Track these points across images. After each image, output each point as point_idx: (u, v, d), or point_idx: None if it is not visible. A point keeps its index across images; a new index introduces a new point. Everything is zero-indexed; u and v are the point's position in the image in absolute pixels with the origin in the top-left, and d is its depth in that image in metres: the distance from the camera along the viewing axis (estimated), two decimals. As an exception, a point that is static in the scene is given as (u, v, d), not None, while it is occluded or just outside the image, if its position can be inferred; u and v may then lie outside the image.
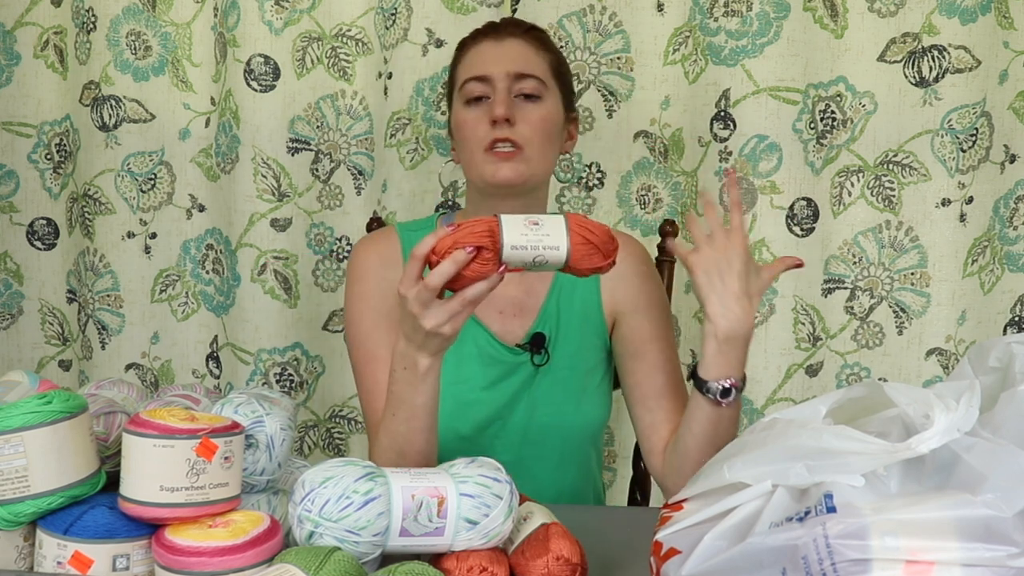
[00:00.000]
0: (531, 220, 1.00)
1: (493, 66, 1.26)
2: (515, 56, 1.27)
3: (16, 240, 1.89)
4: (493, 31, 1.30)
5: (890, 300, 1.70)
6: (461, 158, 1.30)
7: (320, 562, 0.82)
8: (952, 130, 1.64)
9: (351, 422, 1.84)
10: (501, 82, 1.25)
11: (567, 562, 0.91)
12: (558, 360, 1.32)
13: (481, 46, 1.29)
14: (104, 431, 1.02)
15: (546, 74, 1.28)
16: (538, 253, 0.99)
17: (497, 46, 1.28)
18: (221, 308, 1.83)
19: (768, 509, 0.80)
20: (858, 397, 0.88)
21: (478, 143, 1.25)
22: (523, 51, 1.28)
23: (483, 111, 1.25)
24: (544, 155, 1.27)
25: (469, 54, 1.30)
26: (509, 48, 1.27)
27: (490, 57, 1.27)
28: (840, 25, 1.64)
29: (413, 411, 1.11)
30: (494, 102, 1.24)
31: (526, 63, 1.27)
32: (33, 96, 1.84)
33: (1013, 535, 0.71)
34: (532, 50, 1.29)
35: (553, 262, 1.00)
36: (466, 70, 1.29)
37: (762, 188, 1.67)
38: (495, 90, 1.25)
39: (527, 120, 1.25)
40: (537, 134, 1.25)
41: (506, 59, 1.26)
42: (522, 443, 1.32)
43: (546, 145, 1.27)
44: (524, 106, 1.26)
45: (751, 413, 1.71)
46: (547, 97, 1.27)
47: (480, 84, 1.26)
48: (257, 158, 1.73)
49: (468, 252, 0.98)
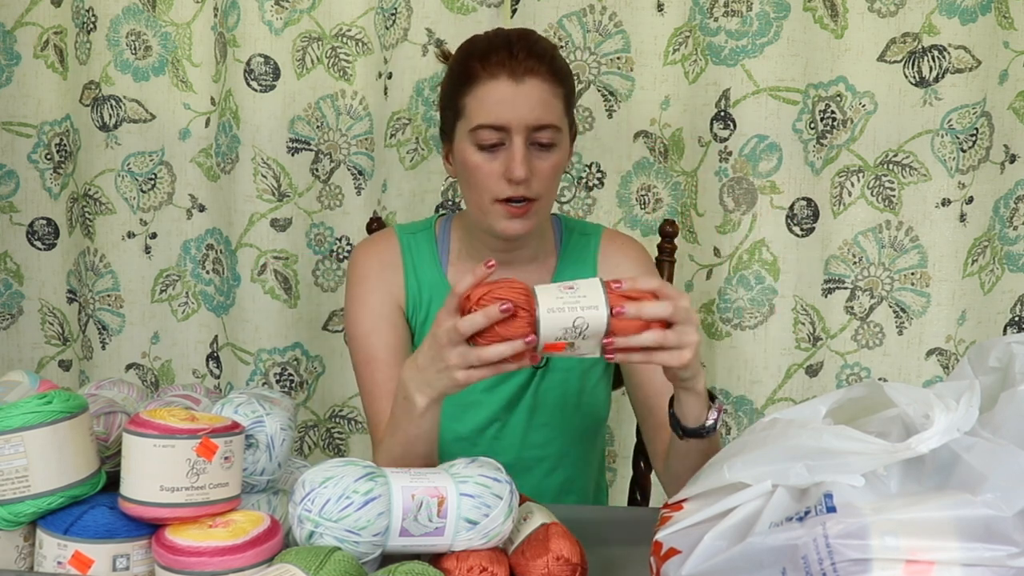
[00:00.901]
0: (565, 285, 0.96)
1: (512, 115, 1.17)
2: (534, 104, 1.18)
3: (16, 240, 1.89)
4: (510, 62, 1.18)
5: (890, 300, 1.70)
6: (465, 194, 1.27)
7: (320, 562, 0.82)
8: (952, 130, 1.64)
9: (351, 422, 1.84)
10: (519, 135, 1.17)
11: (567, 562, 0.91)
12: (557, 362, 1.32)
13: (498, 85, 1.18)
14: (104, 431, 1.02)
15: (561, 116, 1.21)
16: (577, 315, 0.94)
17: (515, 89, 1.17)
18: (221, 308, 1.83)
19: (768, 509, 0.80)
20: (858, 397, 0.89)
21: (490, 194, 1.20)
22: (542, 94, 1.18)
23: (498, 161, 1.19)
24: (551, 199, 1.25)
25: (484, 90, 1.19)
26: (529, 92, 1.18)
27: (508, 103, 1.17)
28: (840, 25, 1.63)
29: (408, 439, 1.10)
30: (512, 160, 1.17)
31: (545, 111, 1.19)
32: (33, 96, 1.84)
33: (1013, 535, 0.71)
34: (550, 90, 1.20)
35: (594, 325, 0.94)
36: (480, 111, 1.19)
37: (762, 188, 1.67)
38: (512, 142, 1.18)
39: (540, 173, 1.20)
40: (548, 184, 1.22)
41: (525, 107, 1.17)
42: (522, 444, 1.32)
43: (554, 190, 1.25)
44: (539, 155, 1.20)
45: (751, 413, 1.72)
46: (560, 142, 1.22)
47: (496, 132, 1.18)
48: (257, 158, 1.73)
49: (502, 309, 0.94)
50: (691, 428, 1.08)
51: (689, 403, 1.07)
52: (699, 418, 1.08)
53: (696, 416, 1.08)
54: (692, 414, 1.08)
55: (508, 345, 0.95)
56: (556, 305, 0.94)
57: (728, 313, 1.70)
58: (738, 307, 1.69)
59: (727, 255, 1.69)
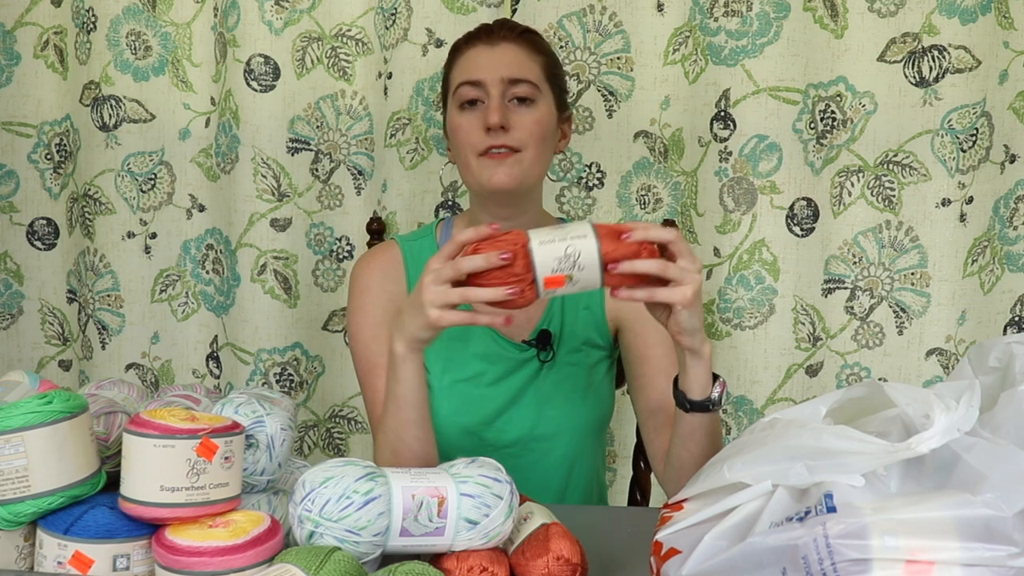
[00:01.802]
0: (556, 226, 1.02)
1: (487, 71, 1.26)
2: (508, 60, 1.27)
3: (16, 240, 1.89)
4: (486, 35, 1.30)
5: (890, 300, 1.70)
6: (457, 161, 1.31)
7: (320, 562, 0.82)
8: (952, 130, 1.64)
9: (351, 422, 1.84)
10: (495, 87, 1.25)
11: (567, 562, 0.91)
12: (563, 356, 1.33)
13: (474, 50, 1.29)
14: (104, 431, 1.02)
15: (539, 77, 1.29)
16: (567, 243, 0.99)
17: (490, 50, 1.28)
18: (221, 308, 1.83)
19: (768, 509, 0.80)
20: (858, 397, 0.89)
21: (472, 148, 1.26)
22: (516, 55, 1.28)
23: (477, 116, 1.26)
24: (538, 157, 1.28)
25: (463, 58, 1.30)
26: (503, 52, 1.28)
27: (484, 61, 1.27)
28: (840, 25, 1.64)
29: (397, 402, 1.13)
30: (488, 108, 1.24)
31: (519, 67, 1.27)
32: (33, 96, 1.84)
33: (1013, 535, 0.71)
34: (525, 54, 1.29)
35: (586, 252, 0.99)
36: (460, 74, 1.29)
37: (762, 188, 1.67)
38: (489, 95, 1.25)
39: (521, 124, 1.25)
40: (532, 137, 1.26)
41: (500, 64, 1.26)
42: (529, 438, 1.33)
43: (540, 147, 1.28)
44: (518, 110, 1.26)
45: (751, 413, 1.72)
46: (540, 100, 1.28)
47: (474, 88, 1.26)
48: (257, 158, 1.73)
49: (502, 257, 0.99)
50: (697, 400, 1.09)
51: (694, 370, 1.08)
52: (705, 389, 1.09)
53: (701, 386, 1.09)
54: (698, 383, 1.09)
55: (491, 290, 1.00)
56: (547, 238, 1.00)
57: (728, 313, 1.70)
58: (738, 307, 1.70)
59: (727, 255, 1.69)
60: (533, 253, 0.99)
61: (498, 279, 1.00)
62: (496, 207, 1.30)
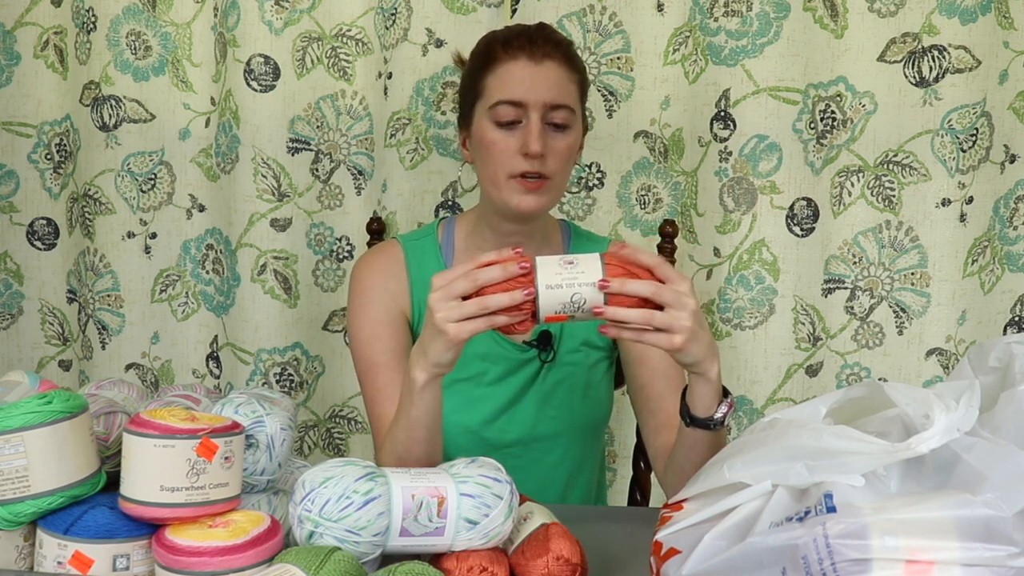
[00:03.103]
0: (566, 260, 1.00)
1: (530, 92, 1.22)
2: (551, 84, 1.23)
3: (16, 240, 1.89)
4: (529, 47, 1.25)
5: (890, 300, 1.70)
6: (480, 173, 1.29)
7: (320, 562, 0.82)
8: (952, 130, 1.64)
9: (351, 422, 1.84)
10: (536, 111, 1.22)
11: (567, 562, 0.91)
12: (564, 356, 1.34)
13: (517, 65, 1.24)
14: (104, 431, 1.02)
15: (575, 100, 1.27)
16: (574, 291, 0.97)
17: (534, 69, 1.23)
18: (221, 308, 1.83)
19: (768, 509, 0.80)
20: (858, 397, 0.88)
21: (506, 169, 1.24)
22: (559, 77, 1.24)
23: (515, 137, 1.23)
24: (564, 182, 1.29)
25: (503, 69, 1.25)
26: (547, 73, 1.24)
27: (527, 81, 1.23)
28: (840, 25, 1.63)
29: (410, 422, 1.11)
30: (528, 134, 1.22)
31: (561, 91, 1.24)
32: (33, 96, 1.84)
33: (1013, 535, 0.71)
34: (566, 74, 1.26)
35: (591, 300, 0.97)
36: (500, 89, 1.24)
37: (762, 188, 1.67)
38: (529, 119, 1.22)
39: (555, 152, 1.24)
40: (562, 164, 1.26)
41: (543, 86, 1.23)
42: (530, 437, 1.33)
43: (567, 172, 1.28)
44: (554, 135, 1.24)
45: (751, 413, 1.72)
46: (574, 125, 1.27)
47: (514, 108, 1.23)
48: (257, 158, 1.73)
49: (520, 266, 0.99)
50: (699, 418, 1.08)
51: (699, 390, 1.07)
52: (708, 409, 1.07)
53: (705, 406, 1.07)
54: (702, 403, 1.08)
55: (508, 295, 0.98)
56: (555, 282, 0.98)
57: (728, 313, 1.70)
58: (738, 307, 1.70)
59: (727, 255, 1.69)
60: (539, 296, 0.98)
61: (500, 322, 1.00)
62: (512, 223, 1.31)
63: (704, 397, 1.07)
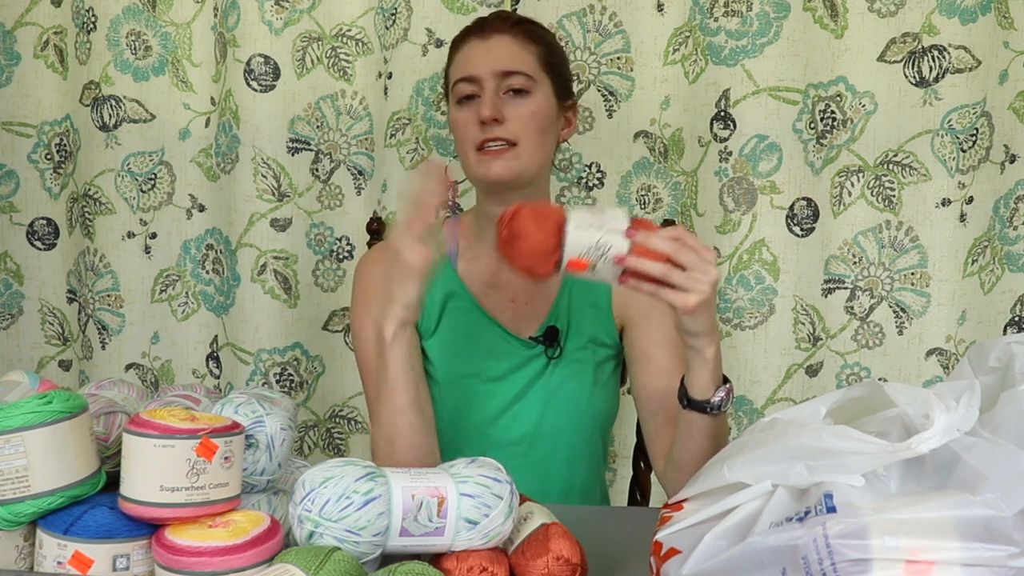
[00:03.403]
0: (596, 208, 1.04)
1: (480, 65, 1.27)
2: (501, 54, 1.27)
3: (16, 240, 1.89)
4: (480, 29, 1.31)
5: (890, 300, 1.70)
6: (459, 158, 1.31)
7: (320, 562, 0.82)
8: (952, 130, 1.64)
9: (351, 422, 1.84)
10: (488, 81, 1.26)
11: (567, 562, 0.91)
12: (570, 353, 1.33)
13: (469, 45, 1.30)
14: (104, 431, 1.02)
15: (534, 68, 1.28)
16: (602, 235, 0.99)
17: (483, 44, 1.29)
18: (221, 308, 1.83)
19: (768, 509, 0.80)
20: (858, 397, 0.88)
21: (470, 143, 1.27)
22: (509, 47, 1.28)
23: (473, 111, 1.27)
24: (537, 148, 1.28)
25: (459, 54, 1.31)
26: (495, 45, 1.28)
27: (477, 56, 1.28)
28: (840, 25, 1.63)
29: (388, 386, 1.14)
30: (482, 102, 1.26)
31: (512, 60, 1.27)
32: (33, 96, 1.84)
33: (1013, 535, 0.71)
34: (518, 45, 1.29)
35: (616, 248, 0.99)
36: (456, 70, 1.30)
37: (762, 188, 1.67)
38: (483, 90, 1.26)
39: (517, 116, 1.26)
40: (528, 129, 1.26)
41: (492, 57, 1.27)
42: (535, 434, 1.33)
43: (538, 138, 1.28)
44: (513, 102, 1.27)
45: (751, 413, 1.72)
46: (536, 91, 1.28)
47: (469, 84, 1.27)
48: (257, 158, 1.73)
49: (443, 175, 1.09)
50: (696, 400, 1.09)
51: (697, 369, 1.08)
52: (705, 390, 1.09)
53: (702, 387, 1.09)
54: (698, 383, 1.09)
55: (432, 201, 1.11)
56: (584, 222, 0.99)
57: (728, 313, 1.70)
58: (738, 307, 1.70)
59: (727, 255, 1.69)
60: (567, 234, 0.99)
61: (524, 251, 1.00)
62: (500, 197, 1.30)
63: (700, 376, 1.08)
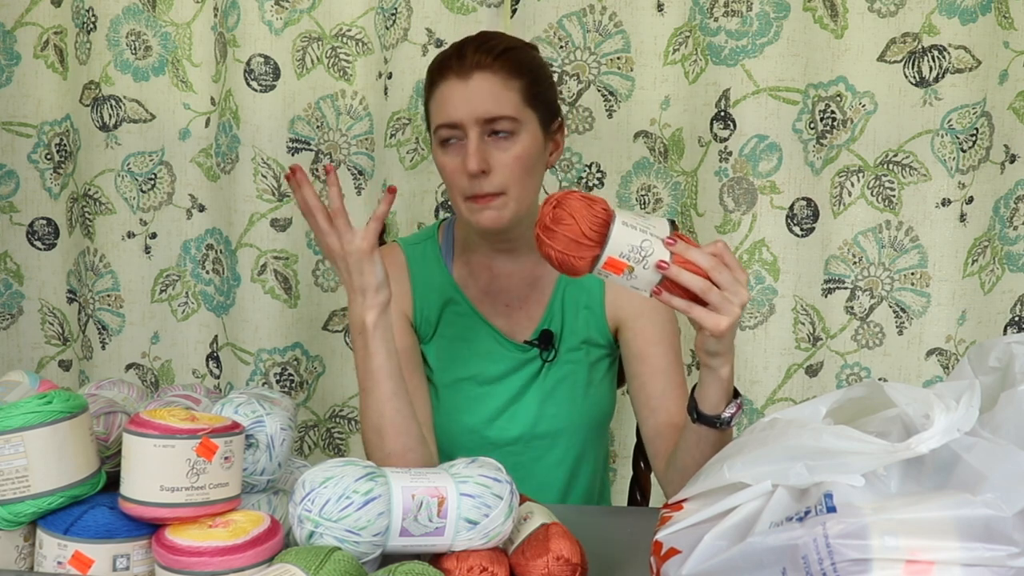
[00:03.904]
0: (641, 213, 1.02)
1: (462, 111, 1.20)
2: (483, 96, 1.20)
3: (16, 240, 1.88)
4: (458, 64, 1.22)
5: (890, 300, 1.70)
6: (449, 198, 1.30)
7: (320, 562, 0.82)
8: (952, 130, 1.64)
9: (351, 422, 1.84)
10: (472, 129, 1.20)
11: (567, 562, 0.91)
12: (564, 355, 1.34)
13: (447, 85, 1.22)
14: (104, 431, 1.02)
15: (518, 107, 1.22)
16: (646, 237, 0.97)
17: (464, 86, 1.21)
18: (221, 308, 1.83)
19: (768, 509, 0.80)
20: (858, 397, 0.89)
21: (459, 192, 1.23)
22: (491, 88, 1.21)
23: (459, 157, 1.22)
24: (526, 190, 1.25)
25: (437, 92, 1.24)
26: (476, 87, 1.21)
27: (458, 100, 1.21)
28: (840, 25, 1.63)
29: (373, 376, 1.14)
30: (468, 153, 1.20)
31: (495, 103, 1.21)
32: (33, 96, 1.84)
33: (1013, 535, 0.71)
34: (500, 83, 1.21)
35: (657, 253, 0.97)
36: (437, 113, 1.24)
37: (762, 188, 1.67)
38: (468, 137, 1.20)
39: (502, 164, 1.21)
40: (515, 175, 1.22)
41: (474, 101, 1.20)
42: (531, 435, 1.33)
43: (526, 180, 1.24)
44: (498, 145, 1.21)
45: (751, 413, 1.72)
46: (522, 131, 1.23)
47: (452, 130, 1.22)
48: (257, 158, 1.73)
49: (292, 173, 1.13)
50: (706, 415, 1.09)
51: (711, 386, 1.08)
52: (716, 406, 1.09)
53: (714, 404, 1.09)
54: (710, 400, 1.09)
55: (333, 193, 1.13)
56: (631, 222, 0.98)
57: (728, 313, 1.70)
58: (738, 307, 1.69)
59: (727, 255, 1.69)
60: (612, 230, 0.96)
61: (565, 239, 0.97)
62: (492, 239, 1.31)
63: (712, 394, 1.08)
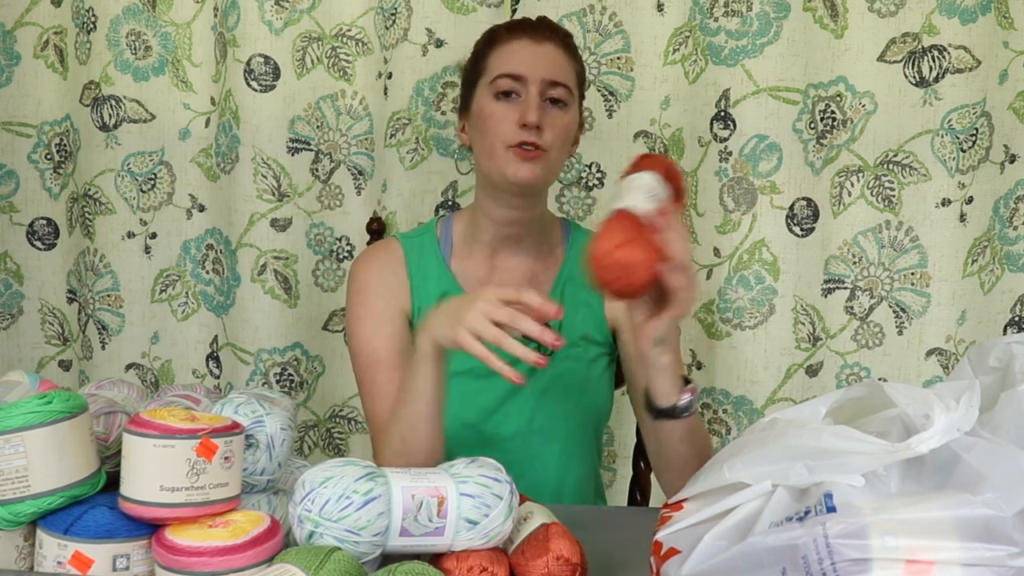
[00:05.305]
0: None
1: (530, 68, 1.27)
2: (551, 62, 1.28)
3: (16, 240, 1.88)
4: (532, 30, 1.31)
5: (890, 300, 1.70)
6: (477, 146, 1.31)
7: (320, 562, 0.82)
8: (952, 130, 1.64)
9: (351, 422, 1.84)
10: (535, 86, 1.26)
11: (567, 562, 0.91)
12: (562, 351, 1.33)
13: (519, 43, 1.30)
14: (104, 431, 1.02)
15: (574, 83, 1.31)
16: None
17: (535, 48, 1.29)
18: (221, 308, 1.83)
19: (768, 509, 0.80)
20: (858, 397, 0.88)
21: (503, 139, 1.26)
22: (558, 58, 1.30)
23: (513, 109, 1.27)
24: (559, 159, 1.31)
25: (505, 48, 1.30)
26: (547, 52, 1.29)
27: (528, 57, 1.28)
28: (840, 25, 1.63)
29: (413, 394, 1.14)
30: (527, 105, 1.25)
31: (560, 70, 1.29)
32: (33, 96, 1.84)
33: (1013, 535, 0.71)
34: (565, 58, 1.31)
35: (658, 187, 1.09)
36: (501, 63, 1.29)
37: (762, 188, 1.67)
38: (528, 93, 1.26)
39: (553, 126, 1.27)
40: (559, 140, 1.28)
41: (543, 63, 1.28)
42: (527, 431, 1.33)
43: (563, 151, 1.31)
44: (551, 111, 1.28)
45: (751, 413, 1.72)
46: (572, 105, 1.30)
47: (514, 82, 1.27)
48: (257, 158, 1.73)
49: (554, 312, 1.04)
50: (663, 407, 1.11)
51: (656, 377, 1.11)
52: (668, 396, 1.11)
53: (665, 393, 1.11)
54: (661, 391, 1.11)
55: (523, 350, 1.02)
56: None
57: (728, 313, 1.70)
58: (738, 307, 1.69)
59: (727, 255, 1.69)
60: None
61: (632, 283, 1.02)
62: (508, 200, 1.31)
63: (662, 384, 1.11)
